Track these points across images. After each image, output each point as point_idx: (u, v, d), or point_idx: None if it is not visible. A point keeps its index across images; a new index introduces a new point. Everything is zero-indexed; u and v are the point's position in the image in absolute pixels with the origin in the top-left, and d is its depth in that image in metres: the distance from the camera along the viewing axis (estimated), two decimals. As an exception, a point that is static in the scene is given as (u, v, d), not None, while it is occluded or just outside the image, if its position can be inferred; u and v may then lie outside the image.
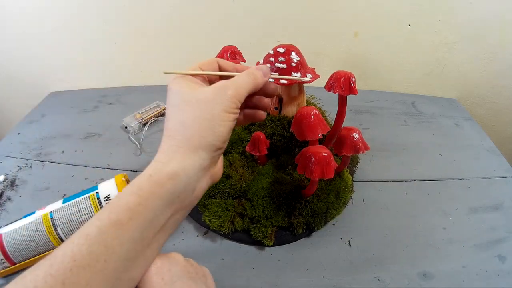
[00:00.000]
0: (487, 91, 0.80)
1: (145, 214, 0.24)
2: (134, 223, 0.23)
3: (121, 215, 0.23)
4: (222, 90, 0.27)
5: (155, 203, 0.24)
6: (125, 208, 0.23)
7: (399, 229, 0.48)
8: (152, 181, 0.24)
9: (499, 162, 0.61)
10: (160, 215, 0.25)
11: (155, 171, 0.25)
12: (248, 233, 0.45)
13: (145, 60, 0.81)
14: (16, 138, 0.66)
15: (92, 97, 0.79)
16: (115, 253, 0.22)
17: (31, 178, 0.56)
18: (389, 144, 0.65)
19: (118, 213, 0.23)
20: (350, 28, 0.74)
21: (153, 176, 0.25)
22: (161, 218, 0.25)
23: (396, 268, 0.43)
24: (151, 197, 0.24)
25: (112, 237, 0.22)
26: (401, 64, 0.79)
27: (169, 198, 0.25)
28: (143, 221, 0.23)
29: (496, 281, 0.42)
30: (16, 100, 0.88)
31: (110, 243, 0.22)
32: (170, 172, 0.25)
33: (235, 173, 0.46)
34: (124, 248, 0.23)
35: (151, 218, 0.24)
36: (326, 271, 0.43)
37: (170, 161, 0.25)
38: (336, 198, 0.46)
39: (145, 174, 0.25)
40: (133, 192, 0.24)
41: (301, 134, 0.41)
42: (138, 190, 0.24)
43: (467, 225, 0.49)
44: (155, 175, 0.25)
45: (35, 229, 0.40)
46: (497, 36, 0.72)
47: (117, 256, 0.22)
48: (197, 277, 0.29)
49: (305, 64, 0.45)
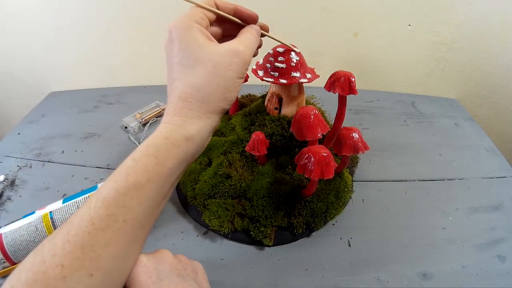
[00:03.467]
0: (487, 91, 0.80)
1: (162, 174, 0.25)
2: (152, 183, 0.25)
3: (140, 177, 0.24)
4: (235, 55, 0.28)
5: (172, 163, 0.26)
6: (143, 170, 0.24)
7: (399, 229, 0.48)
8: (169, 143, 0.26)
9: (499, 162, 0.61)
10: (175, 173, 0.26)
11: (171, 133, 0.26)
12: (247, 233, 0.45)
13: (145, 60, 0.81)
14: (16, 138, 0.66)
15: (92, 97, 0.79)
16: (134, 212, 0.24)
17: (31, 178, 0.56)
18: (389, 144, 0.65)
19: (136, 175, 0.24)
20: (350, 28, 0.74)
21: (169, 138, 0.26)
22: (175, 175, 0.27)
23: (396, 268, 0.43)
24: (168, 158, 0.25)
25: (131, 197, 0.24)
26: (401, 64, 0.79)
27: (184, 157, 0.26)
28: (160, 180, 0.25)
29: (496, 281, 0.42)
30: (16, 100, 0.88)
31: (129, 204, 0.23)
32: (186, 134, 0.26)
33: (235, 173, 0.46)
34: (142, 206, 0.24)
35: (167, 177, 0.26)
36: (326, 271, 0.43)
37: (185, 123, 0.27)
38: (335, 198, 0.46)
39: (161, 137, 0.26)
40: (150, 154, 0.25)
41: (301, 134, 0.41)
42: (155, 152, 0.25)
43: (467, 225, 0.49)
44: (171, 137, 0.26)
45: (35, 229, 0.40)
46: (497, 36, 0.72)
47: (136, 215, 0.24)
48: (186, 273, 0.29)
49: (304, 64, 0.45)
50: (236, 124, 0.52)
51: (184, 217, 0.50)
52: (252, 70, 0.47)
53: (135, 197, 0.24)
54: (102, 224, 0.22)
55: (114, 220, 0.23)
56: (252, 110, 0.52)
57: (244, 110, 0.53)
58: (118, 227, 0.23)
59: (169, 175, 0.26)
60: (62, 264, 0.21)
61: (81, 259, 0.21)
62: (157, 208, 0.26)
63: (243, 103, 0.58)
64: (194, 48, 0.27)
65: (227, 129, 0.53)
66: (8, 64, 0.81)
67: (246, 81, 0.50)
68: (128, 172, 0.24)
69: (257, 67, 0.48)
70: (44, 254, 0.21)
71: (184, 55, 0.27)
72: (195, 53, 0.27)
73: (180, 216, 0.50)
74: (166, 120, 0.27)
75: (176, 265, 0.28)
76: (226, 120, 0.54)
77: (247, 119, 0.51)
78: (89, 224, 0.22)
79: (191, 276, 0.29)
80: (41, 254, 0.21)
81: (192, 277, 0.29)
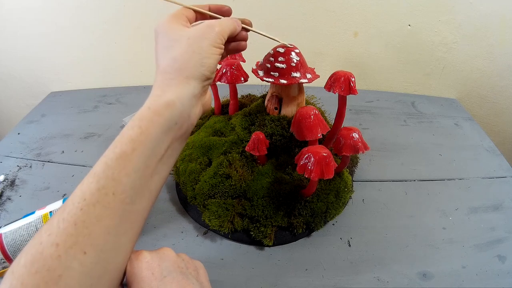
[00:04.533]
0: (487, 91, 0.80)
1: (147, 143, 0.25)
2: (138, 152, 0.25)
3: (125, 147, 0.25)
4: (210, 28, 0.30)
5: (155, 131, 0.26)
6: (128, 140, 0.25)
7: (399, 229, 0.48)
8: (151, 112, 0.27)
9: (499, 162, 0.61)
10: (161, 143, 0.27)
11: (152, 103, 0.27)
12: (247, 233, 0.45)
13: (145, 60, 0.81)
14: (16, 138, 0.66)
15: (92, 97, 0.79)
16: (122, 184, 0.24)
17: (31, 178, 0.56)
18: (389, 144, 0.65)
19: (122, 145, 0.25)
20: (350, 28, 0.74)
21: (151, 108, 0.27)
22: (162, 145, 0.27)
23: (396, 268, 0.43)
24: (151, 126, 0.26)
25: (119, 169, 0.24)
26: (401, 64, 0.79)
27: (167, 125, 0.27)
28: (145, 150, 0.25)
29: (496, 281, 0.42)
30: (16, 100, 0.88)
31: (117, 175, 0.24)
32: (166, 101, 0.27)
33: (235, 173, 0.46)
34: (130, 178, 0.24)
35: (152, 146, 0.26)
36: (326, 271, 0.43)
37: (165, 92, 0.28)
38: (335, 198, 0.46)
39: (144, 108, 0.27)
40: (134, 125, 0.26)
41: (301, 134, 0.41)
42: (139, 122, 0.26)
43: (467, 225, 0.49)
44: (153, 106, 0.27)
45: (35, 229, 0.40)
46: (497, 36, 0.72)
47: (124, 187, 0.24)
48: (188, 272, 0.29)
49: (305, 64, 0.45)
50: (236, 124, 0.52)
51: (184, 217, 0.50)
52: (252, 70, 0.47)
53: (122, 168, 0.24)
54: (93, 199, 0.23)
55: (104, 194, 0.23)
56: (252, 110, 0.52)
57: (244, 110, 0.53)
58: (109, 200, 0.23)
59: (155, 145, 0.26)
60: (57, 242, 0.21)
61: (75, 235, 0.22)
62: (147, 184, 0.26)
63: (243, 103, 0.58)
64: (172, 32, 0.30)
65: (227, 129, 0.53)
66: (8, 64, 0.82)
67: (246, 81, 0.50)
68: (115, 144, 0.25)
69: (257, 67, 0.48)
70: (41, 235, 0.22)
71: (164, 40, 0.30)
72: (173, 36, 0.30)
73: (180, 216, 0.50)
74: (150, 95, 0.28)
75: (178, 263, 0.29)
76: (226, 120, 0.54)
77: (247, 119, 0.51)
78: (81, 200, 0.23)
79: (193, 274, 0.29)
80: (39, 236, 0.22)
81: (194, 275, 0.29)
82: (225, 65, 0.49)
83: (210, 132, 0.53)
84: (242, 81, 0.49)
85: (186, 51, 0.29)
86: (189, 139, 0.53)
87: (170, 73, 0.29)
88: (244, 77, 0.49)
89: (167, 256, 0.29)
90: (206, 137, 0.52)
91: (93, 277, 0.22)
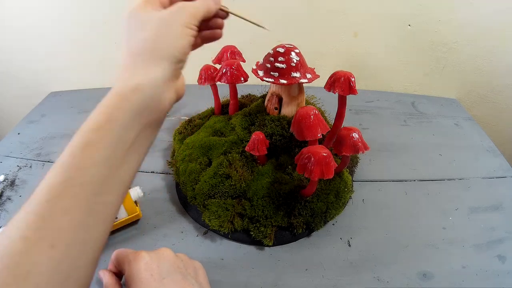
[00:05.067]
0: (487, 91, 0.80)
1: (114, 130, 0.24)
2: (105, 141, 0.24)
3: (91, 135, 0.23)
4: (181, 9, 0.28)
5: (123, 117, 0.24)
6: (95, 127, 0.24)
7: (399, 229, 0.48)
8: (118, 97, 0.25)
9: (499, 162, 0.61)
10: (129, 130, 0.25)
11: (119, 88, 0.25)
12: (247, 233, 0.45)
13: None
14: (16, 138, 0.66)
15: (92, 97, 0.78)
16: (89, 174, 0.23)
17: (31, 178, 0.56)
18: (389, 144, 0.65)
19: (88, 134, 0.24)
20: (350, 28, 0.74)
21: (119, 92, 0.25)
22: (130, 133, 0.25)
23: (396, 268, 0.43)
24: (118, 112, 0.24)
25: (86, 158, 0.23)
26: (401, 64, 0.79)
27: (135, 110, 0.25)
28: (113, 138, 0.24)
29: (496, 281, 0.42)
30: (16, 100, 0.88)
31: (84, 165, 0.23)
32: (134, 85, 0.25)
33: (235, 173, 0.46)
34: (97, 168, 0.23)
35: (120, 134, 0.24)
36: (326, 271, 0.43)
37: (133, 75, 0.26)
38: (335, 198, 0.46)
39: (111, 93, 0.25)
40: (101, 111, 0.24)
41: (301, 134, 0.41)
42: (105, 108, 0.25)
43: (467, 225, 0.49)
44: (120, 91, 0.25)
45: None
46: (497, 36, 0.72)
47: (91, 177, 0.23)
48: (187, 272, 0.29)
49: (304, 64, 0.45)
50: (236, 124, 0.52)
51: (184, 217, 0.50)
52: (252, 70, 0.47)
53: (89, 157, 0.23)
54: (59, 191, 0.22)
55: (71, 185, 0.22)
56: (252, 110, 0.52)
57: (244, 110, 0.53)
58: (76, 192, 0.22)
59: (123, 132, 0.25)
60: (25, 236, 0.20)
61: (42, 229, 0.21)
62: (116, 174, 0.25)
63: (243, 103, 0.58)
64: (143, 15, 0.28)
65: (227, 129, 0.53)
66: (8, 64, 0.81)
67: (246, 81, 0.50)
68: (81, 133, 0.24)
69: (257, 67, 0.48)
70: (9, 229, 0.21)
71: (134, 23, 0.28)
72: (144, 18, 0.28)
73: (180, 216, 0.50)
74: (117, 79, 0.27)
75: (177, 264, 0.29)
76: (226, 120, 0.54)
77: (247, 119, 0.51)
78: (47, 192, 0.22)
79: (192, 275, 0.29)
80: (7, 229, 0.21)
81: (193, 276, 0.29)
82: (225, 65, 0.49)
83: (210, 132, 0.53)
84: (242, 81, 0.49)
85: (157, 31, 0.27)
86: (189, 139, 0.53)
87: (140, 55, 0.27)
88: (244, 77, 0.49)
89: (166, 256, 0.28)
90: (206, 137, 0.52)
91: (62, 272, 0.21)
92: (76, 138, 0.24)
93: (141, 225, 0.48)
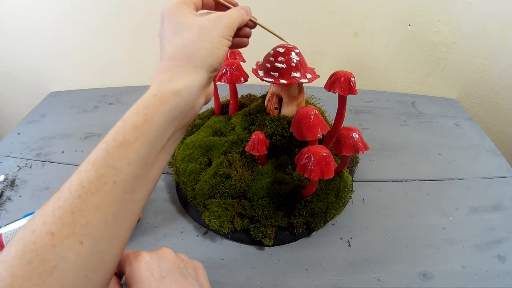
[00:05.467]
0: (487, 91, 0.80)
1: (151, 132, 0.25)
2: (141, 141, 0.24)
3: (128, 135, 0.24)
4: (220, 19, 0.30)
5: (160, 120, 0.25)
6: (132, 128, 0.24)
7: (399, 229, 0.48)
8: (157, 99, 0.26)
9: (499, 162, 0.61)
10: (164, 133, 0.26)
11: (159, 90, 0.26)
12: (247, 233, 0.45)
13: (145, 60, 0.81)
14: (16, 138, 0.66)
15: (92, 97, 0.79)
16: (123, 173, 0.23)
17: (31, 178, 0.56)
18: (389, 144, 0.65)
19: (125, 133, 0.24)
20: (350, 28, 0.74)
21: (158, 95, 0.26)
22: (165, 135, 0.26)
23: (396, 268, 0.43)
24: (156, 115, 0.25)
25: (121, 157, 0.23)
26: (401, 64, 0.79)
27: (172, 114, 0.26)
28: (149, 139, 0.25)
29: (496, 281, 0.42)
30: (16, 100, 0.88)
31: (118, 163, 0.23)
32: (174, 89, 0.26)
33: (235, 173, 0.46)
34: (131, 167, 0.23)
35: (156, 136, 0.25)
36: (326, 271, 0.43)
37: (172, 79, 0.27)
38: (335, 198, 0.46)
39: (150, 94, 0.26)
40: (139, 112, 0.25)
41: (301, 134, 0.41)
42: (144, 109, 0.25)
43: (467, 225, 0.49)
44: (159, 93, 0.26)
45: (35, 229, 0.40)
46: (497, 36, 0.72)
47: (125, 176, 0.23)
48: (187, 272, 0.29)
49: (304, 64, 0.45)
50: (236, 124, 0.52)
51: (184, 217, 0.50)
52: (252, 70, 0.47)
53: (124, 156, 0.23)
54: (92, 187, 0.22)
55: (104, 182, 0.22)
56: (252, 110, 0.52)
57: (244, 110, 0.53)
58: (108, 189, 0.22)
59: (158, 134, 0.25)
60: (52, 231, 0.20)
61: (71, 224, 0.21)
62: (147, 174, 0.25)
63: (243, 103, 0.58)
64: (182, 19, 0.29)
65: (227, 129, 0.53)
66: (8, 64, 0.81)
67: (246, 81, 0.50)
68: (118, 131, 0.24)
69: (257, 67, 0.48)
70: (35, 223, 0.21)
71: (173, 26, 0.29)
72: (183, 23, 0.29)
73: (180, 216, 0.50)
74: (155, 81, 0.27)
75: (178, 264, 0.29)
76: (226, 120, 0.54)
77: (247, 119, 0.51)
78: (79, 188, 0.22)
79: (192, 275, 0.29)
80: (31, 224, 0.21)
81: (193, 276, 0.29)
82: (225, 65, 0.49)
83: (210, 132, 0.53)
84: (242, 81, 0.49)
85: (197, 39, 0.28)
86: (189, 139, 0.53)
87: (179, 60, 0.28)
88: (244, 77, 0.49)
89: (166, 256, 0.28)
90: (206, 137, 0.52)
91: (88, 268, 0.21)
92: (111, 136, 0.24)
93: (141, 225, 0.48)
